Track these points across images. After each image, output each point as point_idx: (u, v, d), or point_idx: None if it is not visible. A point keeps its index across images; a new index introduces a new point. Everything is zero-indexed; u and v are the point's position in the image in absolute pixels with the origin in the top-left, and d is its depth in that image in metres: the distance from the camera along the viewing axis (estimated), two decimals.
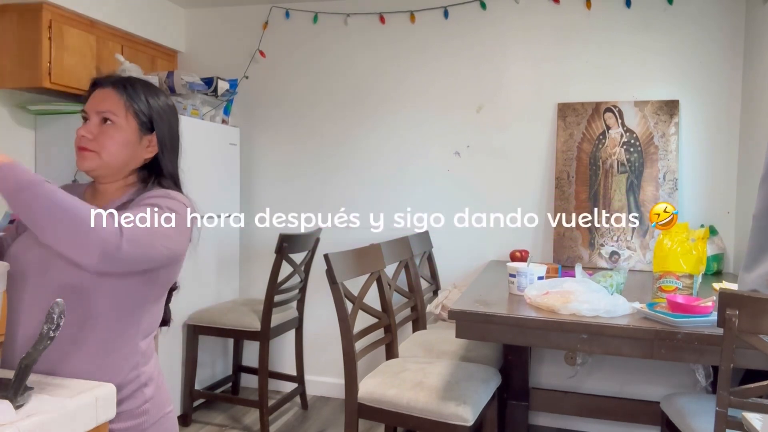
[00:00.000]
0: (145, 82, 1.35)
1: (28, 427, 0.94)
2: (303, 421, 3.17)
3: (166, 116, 1.35)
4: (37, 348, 1.02)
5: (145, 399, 1.27)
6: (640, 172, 2.97)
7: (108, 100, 1.28)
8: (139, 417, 1.25)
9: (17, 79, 2.75)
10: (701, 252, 1.95)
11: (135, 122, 1.29)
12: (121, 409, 1.21)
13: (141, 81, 1.35)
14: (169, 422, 1.34)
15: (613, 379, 3.04)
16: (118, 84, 1.30)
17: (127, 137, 1.28)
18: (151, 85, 1.36)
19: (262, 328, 2.91)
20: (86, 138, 1.26)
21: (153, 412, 1.28)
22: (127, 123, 1.28)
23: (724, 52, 2.93)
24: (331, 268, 2.14)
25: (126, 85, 1.30)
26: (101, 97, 1.28)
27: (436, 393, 2.06)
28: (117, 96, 1.28)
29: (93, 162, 1.27)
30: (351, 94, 3.47)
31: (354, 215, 3.48)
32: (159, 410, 1.30)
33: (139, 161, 1.32)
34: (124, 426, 1.22)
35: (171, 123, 1.37)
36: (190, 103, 3.13)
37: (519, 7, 3.19)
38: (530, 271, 2.15)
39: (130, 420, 1.23)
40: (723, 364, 1.50)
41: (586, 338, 1.81)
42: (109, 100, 1.28)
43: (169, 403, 1.36)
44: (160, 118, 1.33)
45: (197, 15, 3.70)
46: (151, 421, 1.28)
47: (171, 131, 1.36)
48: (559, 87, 3.14)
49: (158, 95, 1.35)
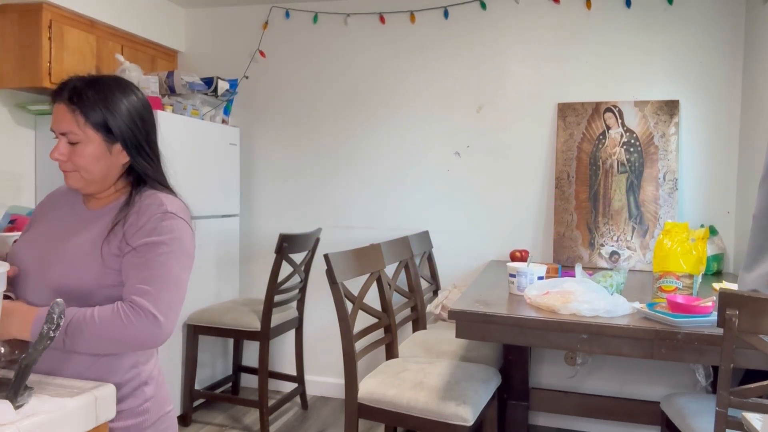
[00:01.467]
0: (102, 84, 1.27)
1: (28, 427, 0.94)
2: (303, 421, 3.17)
3: (128, 117, 1.26)
4: (37, 348, 1.02)
5: (145, 398, 1.27)
6: (640, 172, 2.97)
7: (63, 120, 1.23)
8: (140, 416, 1.26)
9: (17, 79, 2.75)
10: (701, 252, 1.95)
11: (97, 135, 1.24)
12: (122, 408, 1.21)
13: (97, 85, 1.26)
14: (169, 421, 1.34)
15: (613, 379, 3.04)
16: (68, 98, 1.23)
17: (95, 152, 1.24)
18: (109, 85, 1.28)
19: (262, 328, 2.91)
20: (61, 160, 1.25)
21: (153, 411, 1.28)
22: (89, 137, 1.24)
23: (724, 52, 2.93)
24: (331, 268, 2.14)
25: (75, 97, 1.23)
26: (58, 116, 1.24)
27: (436, 393, 2.06)
28: (69, 113, 1.23)
29: (78, 182, 1.28)
30: (351, 94, 3.47)
31: (354, 215, 3.48)
32: (159, 409, 1.31)
33: (118, 168, 1.29)
34: (124, 425, 1.22)
35: (137, 123, 1.28)
36: (190, 103, 3.13)
37: (519, 7, 3.19)
38: (530, 271, 2.15)
39: (130, 419, 1.24)
40: (723, 364, 1.50)
41: (586, 338, 1.81)
42: (64, 119, 1.23)
43: (169, 402, 1.36)
44: (122, 122, 1.25)
45: (197, 15, 3.70)
46: (152, 420, 1.28)
47: (139, 131, 1.28)
48: (559, 87, 3.14)
49: (117, 96, 1.26)
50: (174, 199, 1.30)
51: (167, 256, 1.20)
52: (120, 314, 1.13)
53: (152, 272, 1.18)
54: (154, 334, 1.15)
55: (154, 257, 1.19)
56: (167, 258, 1.20)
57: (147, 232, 1.21)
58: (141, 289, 1.16)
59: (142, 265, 1.19)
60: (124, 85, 1.30)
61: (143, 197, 1.28)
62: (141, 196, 1.28)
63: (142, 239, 1.21)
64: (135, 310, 1.14)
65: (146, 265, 1.19)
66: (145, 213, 1.24)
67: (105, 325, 1.13)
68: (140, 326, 1.14)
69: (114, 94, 1.27)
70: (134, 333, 1.14)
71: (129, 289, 1.18)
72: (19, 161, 2.97)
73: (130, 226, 1.23)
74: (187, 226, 1.27)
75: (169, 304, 1.17)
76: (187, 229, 1.26)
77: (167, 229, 1.22)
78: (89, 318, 1.13)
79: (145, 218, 1.23)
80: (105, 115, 1.24)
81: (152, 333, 1.15)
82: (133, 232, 1.22)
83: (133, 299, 1.15)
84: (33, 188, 3.04)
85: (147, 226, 1.22)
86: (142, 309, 1.15)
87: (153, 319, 1.15)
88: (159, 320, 1.15)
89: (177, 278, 1.21)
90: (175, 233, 1.23)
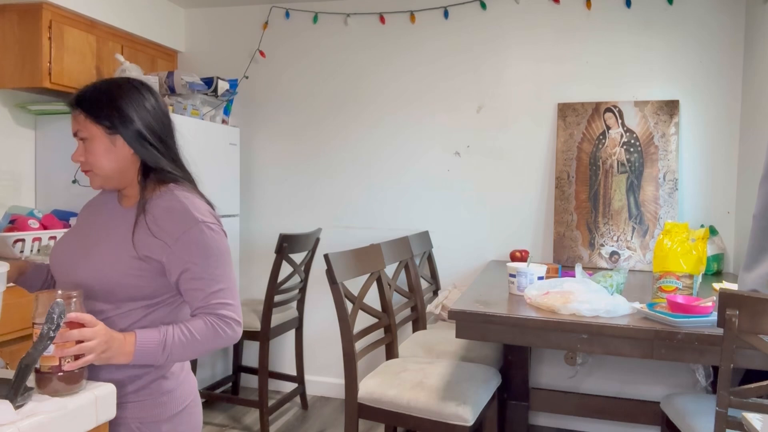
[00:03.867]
0: (104, 82, 1.33)
1: (28, 427, 0.94)
2: (303, 421, 3.17)
3: (126, 108, 1.28)
4: (38, 348, 1.02)
5: (161, 391, 1.29)
6: (640, 172, 2.97)
7: (76, 121, 1.30)
8: (156, 408, 1.28)
9: (17, 79, 2.75)
10: (701, 252, 1.95)
11: (101, 130, 1.28)
12: (137, 399, 1.26)
13: (99, 84, 1.32)
14: (188, 416, 1.35)
15: (613, 379, 3.04)
16: (78, 102, 1.30)
17: (100, 146, 1.28)
18: (110, 82, 1.33)
19: (262, 328, 2.91)
20: (80, 161, 1.31)
21: (171, 405, 1.30)
22: (93, 133, 1.28)
23: (724, 52, 2.93)
24: (331, 268, 2.14)
25: (83, 99, 1.29)
26: (73, 120, 1.31)
27: (436, 393, 2.06)
28: (80, 113, 1.29)
29: (96, 181, 1.32)
30: (351, 93, 3.47)
31: (354, 215, 3.48)
32: (178, 404, 1.32)
33: (129, 161, 1.31)
34: (139, 415, 1.26)
35: (140, 113, 1.30)
36: (190, 103, 3.13)
37: (519, 7, 3.19)
38: (530, 271, 2.15)
39: (145, 411, 1.26)
40: (723, 364, 1.50)
41: (586, 338, 1.81)
42: (76, 120, 1.30)
43: (189, 396, 1.36)
44: (117, 112, 1.28)
45: (197, 15, 3.70)
46: (168, 413, 1.30)
47: (144, 121, 1.30)
48: (559, 87, 3.14)
49: (113, 89, 1.30)
50: (196, 200, 1.32)
51: (224, 269, 1.29)
52: (217, 329, 1.26)
53: (221, 285, 1.28)
54: (236, 334, 1.30)
55: (213, 270, 1.28)
56: (224, 269, 1.30)
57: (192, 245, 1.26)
58: (222, 303, 1.28)
59: (209, 278, 1.27)
60: (126, 81, 1.34)
61: (162, 192, 1.31)
62: (156, 185, 1.32)
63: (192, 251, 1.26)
64: (227, 323, 1.27)
65: (213, 279, 1.27)
66: (173, 215, 1.27)
67: (207, 341, 1.25)
68: (232, 335, 1.29)
69: (111, 89, 1.30)
70: (227, 341, 1.28)
71: (207, 301, 1.27)
72: (19, 161, 2.97)
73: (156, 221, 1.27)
74: (218, 229, 1.32)
75: (239, 307, 1.32)
76: (219, 233, 1.32)
77: (212, 242, 1.28)
78: (189, 336, 1.23)
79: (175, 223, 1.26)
80: (102, 107, 1.28)
81: (236, 333, 1.30)
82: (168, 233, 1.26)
83: (221, 314, 1.27)
84: (33, 188, 3.04)
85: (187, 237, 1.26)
86: (232, 320, 1.29)
87: (237, 325, 1.30)
88: (240, 322, 1.31)
89: (235, 282, 1.34)
90: (216, 238, 1.29)
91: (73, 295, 1.10)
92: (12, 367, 1.22)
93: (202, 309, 1.27)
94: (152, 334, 1.20)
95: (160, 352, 1.20)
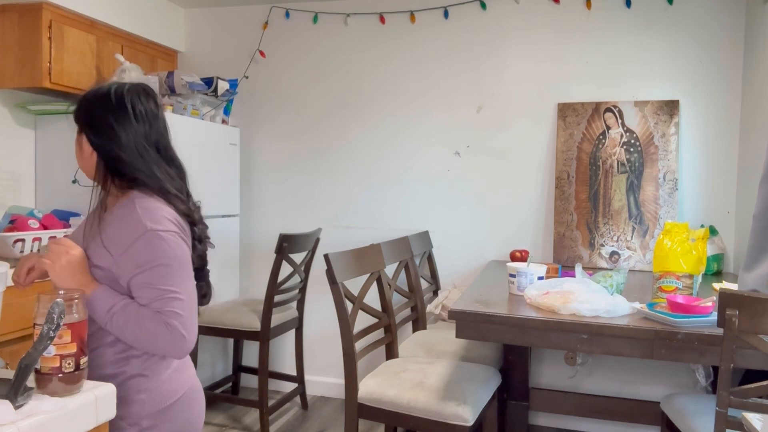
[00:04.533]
0: (94, 91, 1.36)
1: (28, 427, 0.94)
2: (303, 421, 3.17)
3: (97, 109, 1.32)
4: (38, 348, 1.02)
5: (139, 389, 1.29)
6: (640, 172, 2.97)
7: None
8: (133, 405, 1.28)
9: (17, 79, 2.75)
10: (701, 252, 1.95)
11: (79, 133, 1.36)
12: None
13: (90, 92, 1.37)
14: (172, 413, 1.33)
15: (613, 379, 3.04)
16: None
17: (77, 147, 1.36)
18: (100, 88, 1.37)
19: (262, 328, 2.91)
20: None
21: (150, 403, 1.30)
22: (77, 136, 1.37)
23: (724, 52, 2.93)
24: (331, 268, 2.14)
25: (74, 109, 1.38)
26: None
27: (436, 393, 2.06)
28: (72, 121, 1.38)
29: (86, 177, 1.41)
30: (351, 93, 3.47)
31: (354, 215, 3.48)
32: (159, 402, 1.31)
33: (92, 160, 1.34)
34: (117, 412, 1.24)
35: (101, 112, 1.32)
36: (190, 103, 3.13)
37: (519, 7, 3.19)
38: (530, 271, 2.15)
39: (123, 408, 1.26)
40: (723, 364, 1.50)
41: (586, 338, 1.81)
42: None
43: (174, 395, 1.34)
44: (91, 115, 1.33)
45: (197, 15, 3.70)
46: (148, 411, 1.29)
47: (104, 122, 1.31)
48: (559, 87, 3.14)
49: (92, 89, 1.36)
50: (154, 208, 1.29)
51: (173, 278, 1.26)
52: (161, 332, 1.23)
53: (171, 295, 1.25)
54: (179, 349, 1.26)
55: (162, 279, 1.25)
56: (174, 279, 1.26)
57: (140, 254, 1.25)
58: (172, 312, 1.24)
59: (158, 287, 1.25)
60: (110, 84, 1.37)
61: (123, 202, 1.31)
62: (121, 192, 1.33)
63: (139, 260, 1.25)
64: (172, 332, 1.24)
65: (162, 288, 1.25)
66: (124, 224, 1.27)
67: (146, 336, 1.23)
68: (173, 346, 1.25)
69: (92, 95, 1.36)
70: (166, 350, 1.26)
71: (160, 305, 1.24)
72: (19, 161, 2.97)
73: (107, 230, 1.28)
74: (172, 235, 1.28)
75: (192, 322, 1.28)
76: (175, 241, 1.28)
77: (162, 250, 1.25)
78: (136, 321, 1.23)
79: (124, 233, 1.26)
80: (80, 109, 1.35)
81: (178, 348, 1.26)
82: (116, 244, 1.26)
83: (169, 323, 1.24)
84: (33, 188, 3.04)
85: (135, 247, 1.25)
86: (177, 332, 1.24)
87: (182, 340, 1.25)
88: (186, 338, 1.26)
89: (190, 294, 1.30)
90: (168, 245, 1.26)
91: (74, 296, 1.10)
92: (12, 367, 1.22)
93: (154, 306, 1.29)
94: (109, 299, 1.24)
95: (104, 313, 1.24)
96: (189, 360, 1.43)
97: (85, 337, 1.11)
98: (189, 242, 1.34)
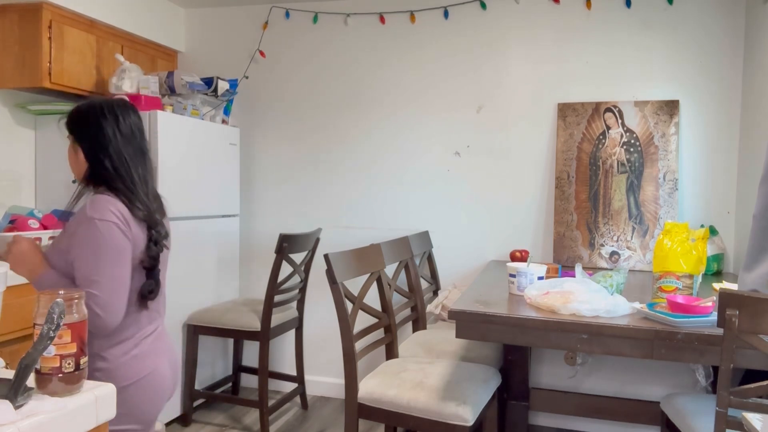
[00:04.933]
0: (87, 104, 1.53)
1: (28, 427, 0.94)
2: (303, 421, 3.17)
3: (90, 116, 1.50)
4: (38, 348, 1.02)
5: (95, 368, 1.44)
6: (640, 172, 2.97)
7: None
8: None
9: (17, 79, 2.75)
10: (701, 252, 1.95)
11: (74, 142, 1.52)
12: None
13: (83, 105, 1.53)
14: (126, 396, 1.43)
15: (613, 379, 3.04)
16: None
17: (71, 153, 1.53)
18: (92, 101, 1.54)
19: (262, 328, 2.91)
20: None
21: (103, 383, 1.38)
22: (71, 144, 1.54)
23: (724, 52, 2.93)
24: (331, 268, 2.14)
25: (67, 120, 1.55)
26: None
27: (436, 393, 2.06)
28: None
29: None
30: (351, 93, 3.47)
31: (354, 215, 3.48)
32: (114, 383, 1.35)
33: (83, 168, 1.51)
34: None
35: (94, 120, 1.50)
36: (190, 103, 3.13)
37: (519, 7, 3.19)
38: (530, 271, 2.15)
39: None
40: (723, 364, 1.50)
41: (586, 338, 1.81)
42: None
43: (129, 379, 1.46)
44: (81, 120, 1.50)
45: (197, 15, 3.70)
46: None
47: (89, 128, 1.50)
48: (559, 87, 3.14)
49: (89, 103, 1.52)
50: (106, 201, 1.44)
51: (98, 263, 1.40)
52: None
53: (94, 277, 1.40)
54: (94, 326, 1.39)
55: (89, 262, 1.40)
56: (99, 263, 1.40)
57: (77, 239, 1.42)
58: (90, 293, 1.38)
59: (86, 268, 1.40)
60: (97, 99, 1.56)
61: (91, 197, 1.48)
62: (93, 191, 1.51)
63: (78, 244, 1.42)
64: (88, 308, 1.28)
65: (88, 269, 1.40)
66: (77, 215, 1.45)
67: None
68: (89, 320, 1.30)
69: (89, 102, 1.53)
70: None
71: (82, 285, 1.41)
72: (19, 161, 2.97)
73: (67, 224, 1.48)
74: (108, 225, 1.42)
75: (109, 303, 1.41)
76: (109, 230, 1.42)
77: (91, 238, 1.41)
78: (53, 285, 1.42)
79: (74, 221, 1.44)
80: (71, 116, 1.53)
81: (93, 324, 1.38)
82: (69, 231, 1.45)
83: (87, 303, 1.32)
84: (33, 188, 3.04)
85: (70, 229, 1.44)
86: (92, 311, 1.36)
87: (96, 318, 1.39)
88: (101, 316, 1.40)
89: (114, 278, 1.42)
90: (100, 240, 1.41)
91: (75, 296, 1.10)
92: (12, 367, 1.22)
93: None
94: (51, 281, 1.43)
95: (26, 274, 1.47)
96: (161, 350, 1.53)
97: (85, 337, 1.11)
98: (131, 236, 1.46)
